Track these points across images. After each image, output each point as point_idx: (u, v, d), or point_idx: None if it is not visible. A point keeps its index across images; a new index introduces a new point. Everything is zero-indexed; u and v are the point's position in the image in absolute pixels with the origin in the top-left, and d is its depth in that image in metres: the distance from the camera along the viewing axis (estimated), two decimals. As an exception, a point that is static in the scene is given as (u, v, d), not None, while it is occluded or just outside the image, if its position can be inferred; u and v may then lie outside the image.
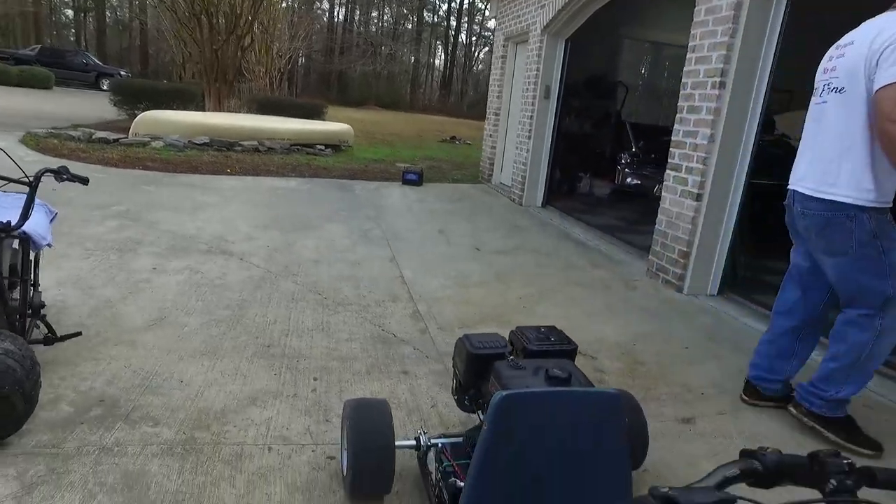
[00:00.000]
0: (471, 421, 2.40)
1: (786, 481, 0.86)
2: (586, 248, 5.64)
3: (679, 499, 0.79)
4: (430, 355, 3.00)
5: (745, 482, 0.85)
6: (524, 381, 1.65)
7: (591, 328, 3.59)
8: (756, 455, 0.87)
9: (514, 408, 1.47)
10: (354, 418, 1.76)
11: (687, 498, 0.78)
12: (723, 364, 3.24)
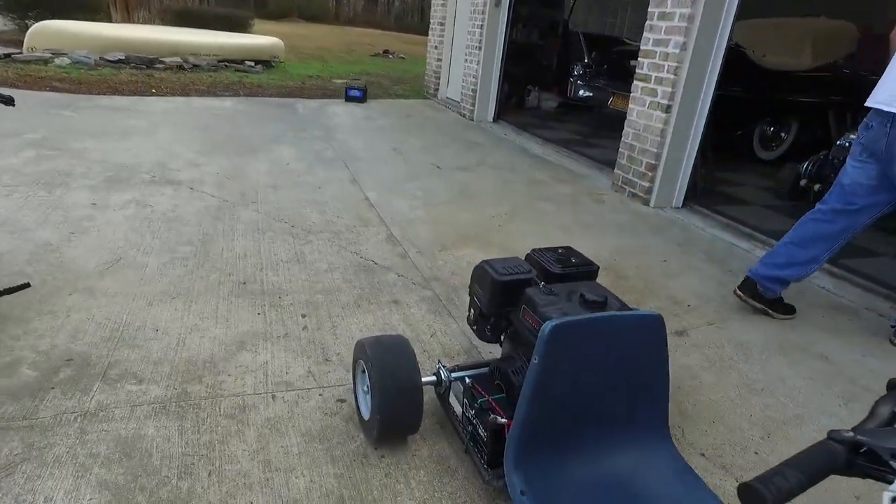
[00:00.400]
0: (474, 348, 2.32)
1: None
2: (546, 163, 5.54)
3: (870, 442, 0.71)
4: (417, 281, 2.86)
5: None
6: (560, 307, 1.55)
7: (568, 243, 3.53)
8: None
9: (564, 337, 1.37)
10: (377, 359, 1.62)
11: (877, 441, 0.70)
12: (701, 275, 3.29)
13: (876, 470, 0.68)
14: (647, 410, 1.58)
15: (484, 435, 1.57)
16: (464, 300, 2.72)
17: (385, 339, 1.72)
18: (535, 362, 1.39)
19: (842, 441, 0.70)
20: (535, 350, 1.39)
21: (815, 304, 3.06)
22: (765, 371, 2.41)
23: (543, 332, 1.39)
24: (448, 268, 3.07)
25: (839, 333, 2.79)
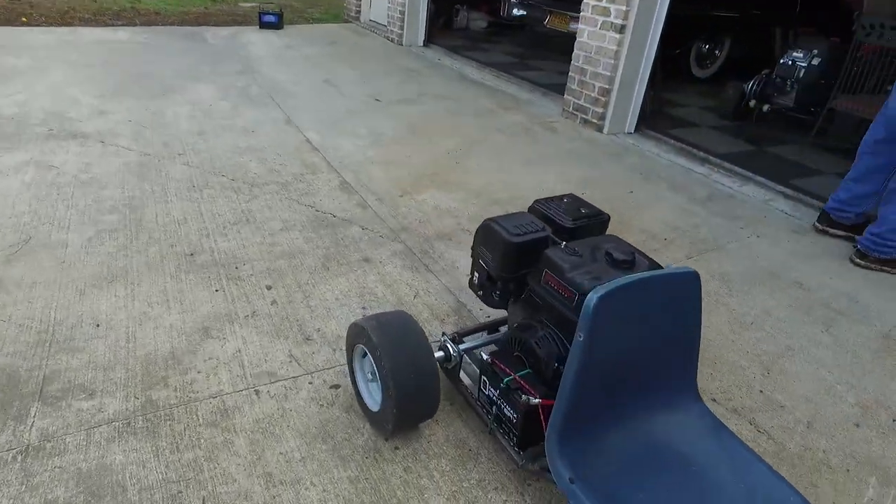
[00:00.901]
0: (462, 306, 2.15)
1: None
2: (489, 90, 5.25)
3: None
4: (384, 234, 2.61)
5: None
6: (588, 269, 1.38)
7: (533, 178, 3.37)
8: None
9: (607, 307, 1.22)
10: (385, 344, 1.40)
11: None
12: (669, 205, 3.24)
13: None
14: (680, 370, 1.48)
15: (513, 416, 1.42)
16: (438, 251, 2.52)
17: (386, 318, 1.50)
18: (581, 339, 1.23)
19: None
20: (578, 326, 1.23)
21: (778, 229, 3.10)
22: (749, 304, 2.40)
23: (588, 307, 1.22)
24: (413, 215, 2.82)
25: (805, 257, 2.83)
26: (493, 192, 3.17)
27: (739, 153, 4.14)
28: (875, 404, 1.93)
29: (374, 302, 2.11)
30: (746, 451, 1.39)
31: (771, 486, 1.32)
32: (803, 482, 1.61)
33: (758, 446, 1.70)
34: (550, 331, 1.46)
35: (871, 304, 2.48)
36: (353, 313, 2.03)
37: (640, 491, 1.28)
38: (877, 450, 1.75)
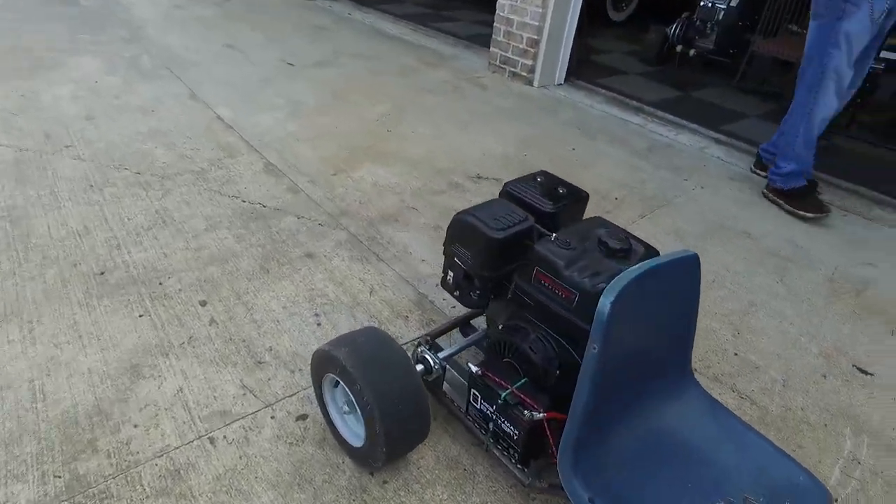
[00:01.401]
0: (424, 298, 1.98)
1: None
2: (409, 45, 4.93)
3: None
4: (323, 221, 2.36)
5: None
6: (585, 264, 1.24)
7: (471, 142, 3.19)
8: None
9: (620, 308, 1.09)
10: (360, 370, 1.20)
11: None
12: (612, 161, 3.17)
13: None
14: (678, 354, 1.40)
15: (514, 433, 1.29)
16: (386, 235, 2.31)
17: (357, 340, 1.29)
18: (596, 351, 1.10)
19: None
20: (592, 337, 1.10)
21: (718, 177, 3.11)
22: (708, 260, 2.39)
23: (602, 314, 1.09)
24: (352, 196, 2.57)
25: (746, 205, 2.87)
26: (434, 160, 2.97)
27: (668, 99, 4.14)
28: (835, 352, 1.97)
29: (327, 306, 1.89)
30: (748, 430, 1.35)
31: (778, 464, 1.29)
32: (791, 445, 1.61)
33: (744, 414, 1.69)
34: (543, 332, 1.32)
35: (810, 249, 2.54)
36: (307, 323, 1.80)
37: (659, 494, 1.21)
38: (845, 399, 1.79)
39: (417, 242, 2.30)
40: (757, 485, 1.25)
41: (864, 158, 3.52)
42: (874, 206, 2.97)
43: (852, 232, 2.72)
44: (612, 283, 1.13)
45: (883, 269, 2.45)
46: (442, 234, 2.41)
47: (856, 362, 1.94)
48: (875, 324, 2.13)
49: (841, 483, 1.53)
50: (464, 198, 2.65)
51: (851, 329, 2.08)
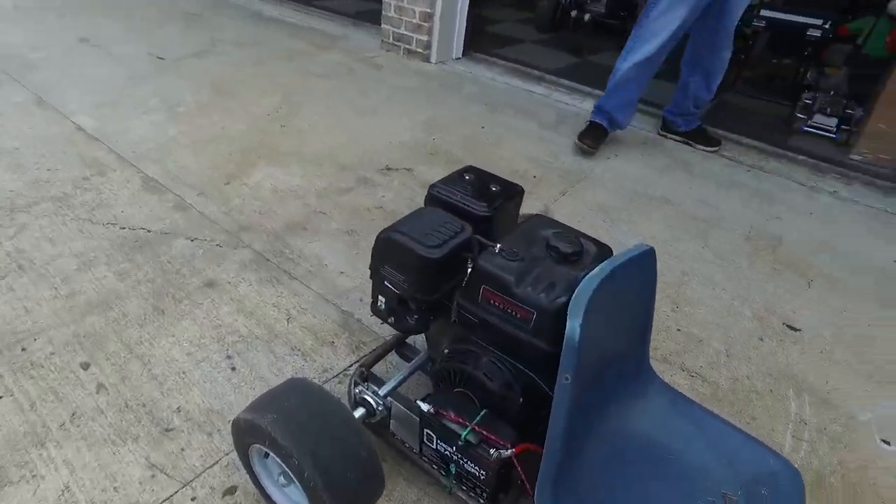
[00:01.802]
0: (349, 316, 1.78)
1: None
2: (293, 28, 4.55)
3: None
4: (221, 241, 2.07)
5: None
6: (536, 274, 1.11)
7: (376, 130, 2.97)
8: None
9: (587, 326, 0.97)
10: (293, 437, 1.00)
11: None
12: (523, 136, 3.07)
13: None
14: (638, 350, 1.32)
15: (481, 473, 1.14)
16: (295, 248, 2.08)
17: (281, 400, 1.08)
18: (568, 382, 0.97)
19: None
20: (563, 365, 0.98)
21: (629, 144, 3.11)
22: (635, 231, 2.36)
23: (573, 340, 0.96)
24: (250, 206, 2.29)
25: (661, 170, 2.88)
26: (337, 155, 2.72)
27: (567, 66, 4.10)
28: (766, 312, 2.00)
29: (240, 344, 1.64)
30: (713, 418, 1.31)
31: (747, 451, 1.24)
32: (744, 418, 1.59)
33: (698, 393, 1.65)
34: (494, 355, 1.18)
35: (722, 207, 2.59)
36: (219, 369, 1.55)
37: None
38: (782, 360, 1.81)
39: (332, 252, 2.08)
40: (732, 477, 1.20)
41: (751, 113, 3.67)
42: (770, 158, 3.09)
43: (756, 187, 2.80)
44: (575, 300, 1.00)
45: (789, 222, 2.54)
46: (356, 238, 2.21)
47: (785, 320, 1.97)
48: (793, 277, 2.19)
49: (794, 448, 1.54)
50: (375, 194, 2.44)
51: (775, 287, 2.12)
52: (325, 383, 1.56)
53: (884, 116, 2.95)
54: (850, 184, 2.91)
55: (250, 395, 1.48)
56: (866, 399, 1.70)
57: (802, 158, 3.06)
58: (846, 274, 2.23)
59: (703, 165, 2.95)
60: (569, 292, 1.07)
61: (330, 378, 1.58)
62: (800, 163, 3.05)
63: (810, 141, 3.24)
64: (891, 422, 1.64)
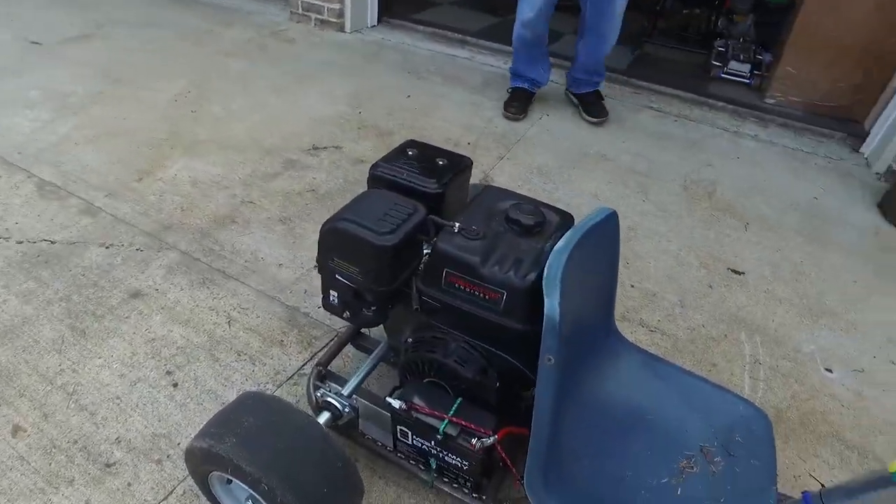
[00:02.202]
0: (295, 311, 1.66)
1: None
2: (194, 4, 4.17)
3: None
4: (142, 245, 1.87)
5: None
6: (502, 252, 1.05)
7: (296, 108, 2.78)
8: None
9: (565, 300, 0.92)
10: (258, 461, 0.90)
11: None
12: (454, 103, 2.97)
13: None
14: (605, 316, 1.30)
15: (463, 464, 1.08)
16: (226, 243, 1.92)
17: (237, 421, 0.96)
18: (552, 363, 0.92)
19: None
20: (545, 347, 0.92)
21: (556, 101, 3.08)
22: (577, 191, 2.34)
23: (553, 320, 0.90)
24: (170, 202, 2.09)
25: (590, 127, 2.87)
26: (259, 138, 2.53)
27: (488, 27, 4.00)
28: (710, 259, 2.05)
29: (179, 356, 1.49)
30: (682, 372, 1.31)
31: (718, 401, 1.26)
32: (705, 366, 1.63)
33: (660, 347, 1.67)
34: (463, 340, 1.11)
35: (657, 159, 2.63)
36: (159, 388, 1.40)
37: (629, 477, 1.10)
38: (731, 304, 1.86)
39: (267, 244, 1.93)
40: (708, 430, 1.21)
41: (670, 63, 3.74)
42: (693, 107, 3.16)
43: (685, 136, 2.86)
44: (548, 276, 0.94)
45: (720, 168, 2.61)
46: (291, 226, 2.07)
47: (729, 265, 2.03)
48: (731, 222, 2.25)
49: (753, 388, 1.58)
50: (305, 177, 2.29)
51: (716, 232, 2.18)
52: (279, 388, 1.44)
53: (791, 60, 3.07)
54: (767, 126, 3.03)
55: (199, 412, 1.35)
56: (807, 332, 1.78)
57: (722, 105, 3.14)
58: (776, 214, 2.32)
59: (634, 119, 2.98)
60: (537, 267, 1.02)
61: (284, 381, 1.46)
62: (720, 109, 3.14)
63: (728, 87, 3.34)
64: (830, 351, 1.73)
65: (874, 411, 1.56)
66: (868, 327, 1.82)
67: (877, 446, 1.47)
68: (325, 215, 2.08)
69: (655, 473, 1.13)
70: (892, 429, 1.51)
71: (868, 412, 1.55)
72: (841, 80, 2.99)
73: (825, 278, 2.00)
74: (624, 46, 3.80)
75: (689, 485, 1.11)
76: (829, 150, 2.86)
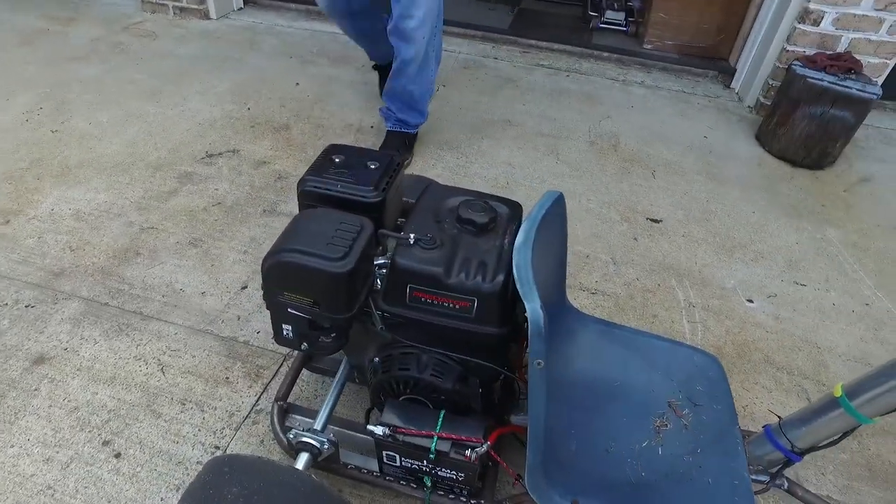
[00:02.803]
0: (236, 343, 1.55)
1: None
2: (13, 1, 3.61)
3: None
4: (31, 299, 1.63)
5: None
6: (463, 256, 1.03)
7: (177, 114, 2.53)
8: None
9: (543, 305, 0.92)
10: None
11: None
12: (344, 86, 2.84)
13: None
14: (559, 292, 1.31)
15: (459, 475, 1.06)
16: (135, 280, 1.73)
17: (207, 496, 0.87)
18: (542, 366, 0.90)
19: None
20: (533, 350, 0.90)
21: (449, 69, 3.03)
22: (490, 161, 2.33)
23: (538, 325, 0.89)
24: (55, 244, 1.83)
25: (491, 91, 2.87)
26: (143, 154, 2.27)
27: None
28: (629, 211, 2.14)
29: (113, 421, 1.32)
30: (636, 333, 1.38)
31: (674, 355, 1.33)
32: (648, 319, 1.71)
33: (604, 309, 1.73)
34: (433, 352, 1.08)
35: (558, 118, 2.68)
36: (98, 463, 1.24)
37: (608, 448, 1.14)
38: (657, 253, 1.96)
39: (182, 272, 1.76)
40: (672, 385, 1.27)
41: (551, 17, 3.79)
42: (581, 60, 3.24)
43: (580, 90, 2.93)
44: (522, 279, 0.92)
45: (618, 118, 2.71)
46: (205, 247, 1.89)
47: (647, 214, 2.13)
48: (639, 171, 2.36)
49: (693, 332, 1.69)
50: (206, 190, 2.09)
51: (629, 184, 2.27)
52: (237, 430, 1.34)
53: (660, 6, 3.22)
54: (650, 72, 3.18)
55: (154, 480, 1.22)
56: (726, 268, 1.93)
57: (608, 55, 3.25)
58: (677, 157, 2.46)
59: (528, 79, 3.00)
60: (502, 267, 1.00)
61: (241, 422, 1.35)
62: (606, 59, 3.25)
63: (609, 36, 3.46)
64: (747, 282, 1.88)
65: (791, 331, 1.72)
66: (771, 253, 2.00)
67: (799, 361, 1.63)
68: (238, 230, 1.95)
69: (635, 439, 1.17)
70: (807, 345, 1.69)
71: (788, 333, 1.71)
72: (705, 22, 3.18)
73: (729, 213, 2.17)
74: (504, 5, 3.81)
75: (667, 443, 1.17)
76: (706, 89, 3.06)
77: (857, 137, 2.55)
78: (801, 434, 1.07)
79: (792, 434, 1.08)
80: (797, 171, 2.45)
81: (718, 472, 1.11)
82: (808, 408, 1.08)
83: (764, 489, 1.15)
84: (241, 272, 1.77)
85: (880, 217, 2.22)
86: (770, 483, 1.15)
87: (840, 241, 2.08)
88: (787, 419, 1.11)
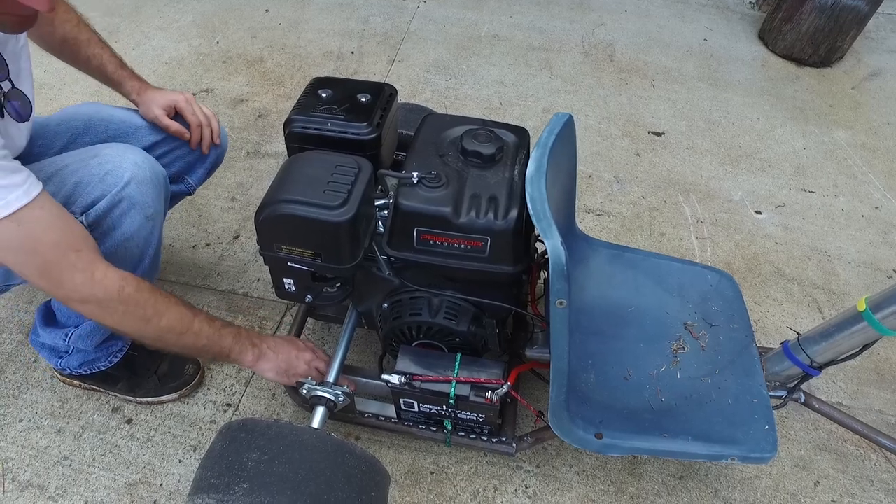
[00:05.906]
0: (236, 298, 1.49)
1: None
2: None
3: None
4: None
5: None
6: (471, 192, 0.95)
7: (139, 51, 2.34)
8: None
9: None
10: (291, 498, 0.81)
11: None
12: (322, 9, 2.63)
13: None
14: (570, 217, 1.26)
15: (479, 416, 1.05)
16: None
17: (228, 460, 0.84)
18: (564, 306, 0.86)
19: None
20: (554, 291, 0.86)
21: None
22: (481, 81, 2.20)
23: (559, 263, 0.84)
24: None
25: (474, 7, 2.67)
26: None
27: None
28: (630, 125, 2.04)
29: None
30: (647, 255, 1.33)
31: (687, 275, 1.30)
32: (656, 238, 1.66)
33: (611, 230, 1.67)
34: (444, 295, 1.03)
35: (548, 29, 2.52)
36: (112, 431, 1.21)
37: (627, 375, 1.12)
38: (661, 168, 1.89)
39: (168, 225, 1.68)
40: (687, 307, 1.25)
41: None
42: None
43: (570, -4, 2.74)
44: (538, 214, 0.86)
45: (612, 25, 2.55)
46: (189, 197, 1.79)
47: (648, 127, 2.03)
48: (638, 81, 2.24)
49: (701, 248, 1.65)
50: (186, 133, 1.96)
51: (628, 96, 2.16)
52: (247, 386, 1.31)
53: None
54: (643, -30, 2.96)
55: (169, 443, 1.20)
56: (732, 180, 1.86)
57: (597, -46, 3.02)
58: (676, 64, 2.33)
59: (514, -12, 2.80)
60: (514, 201, 0.93)
61: (250, 377, 1.32)
62: (595, -40, 3.01)
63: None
64: (755, 193, 1.82)
65: (801, 240, 1.69)
66: (778, 161, 1.94)
67: (809, 272, 1.61)
68: (223, 176, 1.84)
69: (653, 364, 1.15)
70: (817, 254, 1.66)
71: (797, 243, 1.68)
72: None
73: (733, 121, 2.08)
74: None
75: (685, 365, 1.15)
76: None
77: (868, 28, 2.42)
78: (821, 349, 1.05)
79: (811, 349, 1.07)
80: (803, 71, 2.33)
81: (737, 392, 1.09)
82: (829, 322, 1.05)
83: (781, 404, 1.15)
84: (232, 220, 1.69)
85: (891, 114, 2.14)
86: (787, 397, 1.15)
87: (848, 143, 2.01)
88: (807, 335, 1.09)
